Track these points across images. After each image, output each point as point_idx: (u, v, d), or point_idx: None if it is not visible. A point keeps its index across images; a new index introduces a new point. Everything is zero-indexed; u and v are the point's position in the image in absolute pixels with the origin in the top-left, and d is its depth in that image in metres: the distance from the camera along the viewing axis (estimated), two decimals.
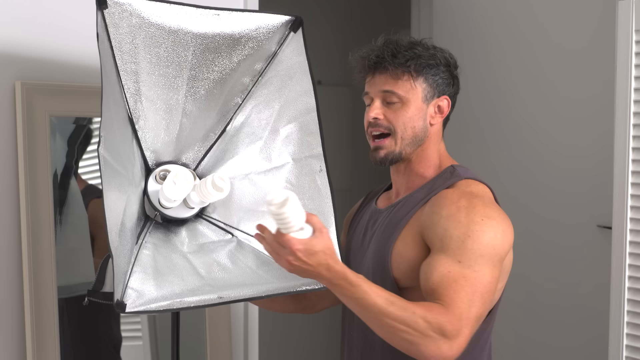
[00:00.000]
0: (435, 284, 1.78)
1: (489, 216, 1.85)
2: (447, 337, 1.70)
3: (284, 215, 1.62)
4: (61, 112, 2.28)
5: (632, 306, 2.62)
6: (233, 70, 2.01)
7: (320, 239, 1.68)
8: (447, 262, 1.80)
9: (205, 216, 2.05)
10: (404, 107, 1.95)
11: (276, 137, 2.08)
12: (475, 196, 1.90)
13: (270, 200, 1.61)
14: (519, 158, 3.51)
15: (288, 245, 1.66)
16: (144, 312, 1.84)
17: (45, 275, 2.21)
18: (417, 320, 1.69)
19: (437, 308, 1.73)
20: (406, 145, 1.97)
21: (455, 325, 1.71)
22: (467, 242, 1.80)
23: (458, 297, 1.75)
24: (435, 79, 1.97)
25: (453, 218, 1.84)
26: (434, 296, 1.77)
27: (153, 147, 2.00)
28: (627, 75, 2.61)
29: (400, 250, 1.92)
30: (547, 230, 3.39)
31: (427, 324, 1.69)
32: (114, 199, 1.81)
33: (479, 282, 1.78)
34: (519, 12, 3.52)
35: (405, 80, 1.94)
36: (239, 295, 1.92)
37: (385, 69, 1.95)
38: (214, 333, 2.61)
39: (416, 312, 1.70)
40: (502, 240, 1.85)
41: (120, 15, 1.86)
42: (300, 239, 1.67)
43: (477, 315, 1.77)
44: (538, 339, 3.44)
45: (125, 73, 1.90)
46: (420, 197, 1.96)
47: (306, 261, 1.67)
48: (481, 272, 1.79)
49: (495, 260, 1.83)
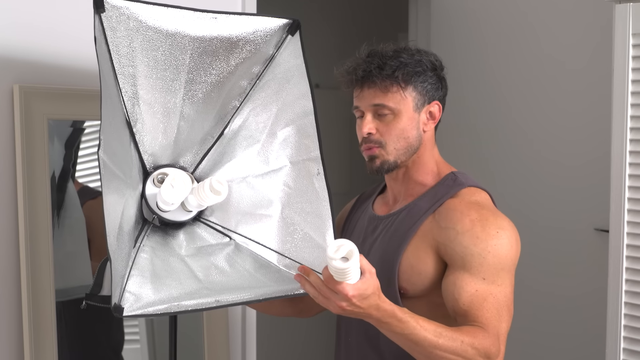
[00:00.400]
0: (466, 306, 1.83)
1: (501, 227, 1.89)
2: (492, 359, 1.79)
3: (347, 270, 1.60)
4: (59, 115, 2.28)
5: (629, 309, 2.63)
6: (231, 73, 2.01)
7: (371, 281, 1.67)
8: (472, 281, 1.84)
9: (203, 219, 2.05)
10: (396, 119, 1.95)
11: (274, 140, 2.08)
12: (483, 207, 1.93)
13: (333, 254, 1.58)
14: (517, 163, 3.51)
15: (343, 292, 1.63)
16: (141, 316, 1.83)
17: (43, 278, 2.21)
18: (466, 349, 1.75)
19: (480, 333, 1.79)
20: (400, 154, 1.97)
21: (497, 346, 1.80)
22: (488, 258, 1.85)
23: (491, 317, 1.82)
24: (424, 85, 1.96)
25: (470, 234, 1.87)
26: (468, 318, 1.82)
27: (151, 150, 2.00)
28: (624, 79, 2.61)
29: (412, 262, 1.93)
30: (544, 234, 3.39)
31: (475, 351, 1.76)
32: (113, 202, 1.81)
33: (503, 295, 1.85)
34: (517, 17, 3.53)
35: (394, 91, 1.94)
36: (237, 298, 1.91)
37: (374, 83, 1.94)
38: (211, 336, 2.60)
39: (464, 341, 1.75)
40: (516, 248, 1.91)
41: (117, 18, 1.86)
42: (354, 284, 1.64)
43: (507, 328, 1.85)
44: (536, 341, 3.44)
45: (122, 76, 1.90)
46: (425, 207, 1.96)
47: (359, 305, 1.66)
48: (504, 285, 1.86)
49: (513, 270, 1.90)
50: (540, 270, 3.40)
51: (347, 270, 1.60)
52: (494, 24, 3.63)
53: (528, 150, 3.46)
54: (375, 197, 2.15)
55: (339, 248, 1.58)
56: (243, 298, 1.92)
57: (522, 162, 3.48)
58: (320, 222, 2.04)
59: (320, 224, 2.04)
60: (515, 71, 3.52)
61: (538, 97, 3.42)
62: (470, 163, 3.62)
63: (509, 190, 3.50)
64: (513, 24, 3.54)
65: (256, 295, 1.93)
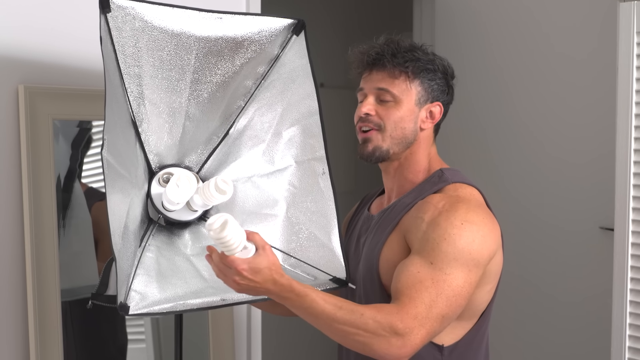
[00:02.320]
0: (401, 284, 1.80)
1: (470, 220, 1.84)
2: (399, 335, 1.72)
3: (225, 238, 1.64)
4: (64, 116, 2.29)
5: (634, 308, 2.63)
6: (236, 73, 2.01)
7: (264, 256, 1.71)
8: (419, 263, 1.81)
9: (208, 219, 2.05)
10: (396, 107, 1.95)
11: (279, 140, 2.09)
12: (461, 200, 1.90)
13: (210, 225, 1.63)
14: (522, 161, 3.51)
15: (233, 265, 1.68)
16: (147, 315, 1.84)
17: (48, 278, 2.22)
18: (366, 322, 1.72)
19: (387, 308, 1.75)
20: (394, 144, 1.97)
21: (408, 324, 1.73)
22: (442, 245, 1.81)
23: (418, 297, 1.76)
24: (431, 84, 1.97)
25: (433, 222, 1.85)
26: (397, 296, 1.79)
27: (156, 150, 2.00)
28: (628, 77, 2.61)
29: (388, 256, 1.93)
30: (549, 233, 3.39)
31: (376, 324, 1.72)
32: (117, 202, 1.81)
33: (447, 285, 1.79)
34: (522, 17, 3.53)
35: (401, 80, 1.95)
36: (242, 297, 1.92)
37: (384, 67, 1.96)
38: (217, 335, 2.61)
39: (365, 314, 1.72)
40: (480, 245, 1.84)
41: (123, 18, 1.86)
42: (245, 258, 1.69)
43: (437, 316, 1.77)
44: (540, 340, 3.44)
45: (128, 76, 1.90)
46: (407, 202, 1.96)
47: (252, 279, 1.70)
48: (452, 276, 1.79)
49: (472, 265, 1.82)
50: (545, 268, 3.40)
51: (225, 239, 1.63)
52: (498, 23, 3.63)
53: (533, 148, 3.46)
54: (375, 198, 2.16)
55: (215, 220, 1.63)
56: (248, 297, 1.92)
57: (527, 160, 3.48)
58: (325, 221, 2.04)
59: (326, 223, 2.04)
60: (520, 69, 3.52)
61: (543, 95, 3.42)
62: (475, 161, 3.62)
63: (514, 188, 3.50)
64: (517, 23, 3.54)
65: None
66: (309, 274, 2.03)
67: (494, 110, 3.63)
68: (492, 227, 1.89)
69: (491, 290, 1.95)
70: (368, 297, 1.94)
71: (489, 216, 1.91)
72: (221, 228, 1.63)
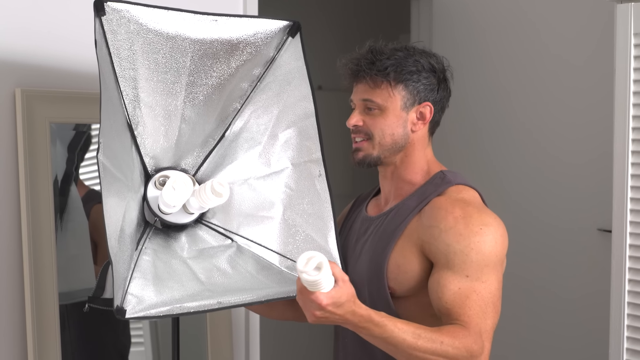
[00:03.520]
0: (449, 304, 1.83)
1: (485, 223, 1.88)
2: (476, 357, 1.78)
3: (318, 280, 1.62)
4: (61, 119, 2.29)
5: (632, 309, 2.62)
6: (231, 75, 2.01)
7: (345, 289, 1.68)
8: (455, 279, 1.84)
9: (204, 221, 2.05)
10: (382, 115, 1.95)
11: (275, 142, 2.08)
12: (469, 204, 1.92)
13: (303, 265, 1.59)
14: (519, 162, 3.51)
15: (316, 302, 1.65)
16: (143, 318, 1.84)
17: (46, 281, 2.22)
18: (446, 350, 1.75)
19: (460, 332, 1.78)
20: (385, 150, 1.97)
21: (480, 343, 1.79)
22: (471, 255, 1.85)
23: (474, 314, 1.81)
24: (416, 85, 1.95)
25: (453, 231, 1.87)
26: (451, 316, 1.82)
27: (152, 153, 2.00)
28: (625, 78, 2.61)
29: (398, 262, 1.93)
30: (547, 234, 3.39)
31: (456, 350, 1.76)
32: (113, 205, 1.81)
33: (488, 292, 1.84)
34: (519, 17, 3.53)
35: (383, 88, 1.94)
36: (239, 300, 1.92)
37: (364, 78, 1.96)
38: (215, 337, 2.61)
39: (444, 342, 1.75)
40: (501, 244, 1.89)
41: (118, 21, 1.86)
42: (327, 293, 1.66)
43: (492, 325, 1.83)
44: (539, 341, 3.44)
45: (123, 79, 1.90)
46: (412, 205, 1.96)
47: (334, 312, 1.68)
48: (488, 282, 1.85)
49: (499, 266, 1.88)
50: (543, 269, 3.40)
51: (318, 281, 1.62)
52: (495, 25, 3.63)
53: (530, 150, 3.46)
54: (370, 199, 2.15)
55: (308, 260, 1.60)
56: (245, 300, 1.92)
57: (524, 162, 3.48)
58: (321, 223, 2.04)
59: (322, 225, 2.04)
60: (517, 70, 3.52)
61: (540, 96, 3.42)
62: (472, 162, 3.62)
63: (511, 189, 3.50)
64: (514, 23, 3.54)
65: (258, 297, 1.94)
66: None
67: (491, 112, 3.63)
68: (502, 225, 1.92)
69: None
70: (373, 300, 1.94)
71: (495, 215, 1.94)
72: (317, 270, 1.60)
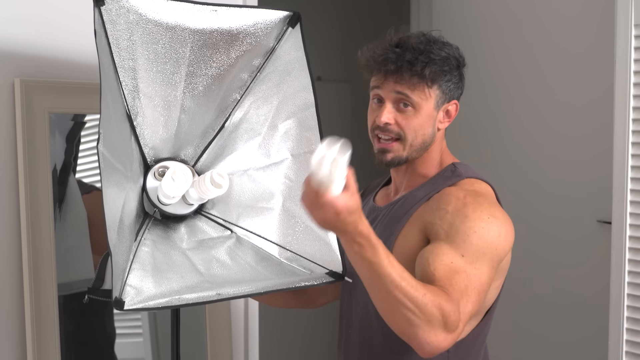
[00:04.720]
0: (437, 272, 1.73)
1: (494, 215, 1.84)
2: (447, 329, 1.65)
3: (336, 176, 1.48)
4: (60, 109, 2.28)
5: (631, 301, 2.63)
6: (231, 66, 2.01)
7: (356, 198, 1.54)
8: (450, 253, 1.77)
9: (204, 212, 2.05)
10: (416, 114, 1.91)
11: (275, 133, 2.08)
12: (480, 195, 1.89)
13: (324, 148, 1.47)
14: (519, 155, 3.50)
15: (334, 206, 1.50)
16: (142, 309, 1.84)
17: (45, 272, 2.21)
18: (425, 303, 1.62)
19: (444, 296, 1.66)
20: (414, 150, 1.94)
21: (457, 316, 1.67)
22: (472, 237, 1.79)
23: (459, 290, 1.71)
24: (448, 85, 1.93)
25: (460, 212, 1.82)
26: (435, 283, 1.71)
27: (151, 143, 2.00)
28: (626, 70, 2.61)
29: (401, 249, 1.90)
30: (547, 226, 3.39)
31: (434, 309, 1.63)
32: (113, 195, 1.81)
33: (477, 279, 1.76)
34: (519, 11, 3.52)
35: (420, 88, 1.90)
36: (238, 291, 1.91)
37: (402, 76, 1.89)
38: (214, 329, 2.61)
39: (426, 295, 1.62)
40: (504, 240, 1.84)
41: (117, 11, 1.85)
42: (343, 198, 1.51)
43: (471, 312, 1.73)
44: (538, 332, 3.44)
45: (123, 70, 1.90)
46: (420, 195, 1.94)
47: (345, 219, 1.53)
48: (480, 270, 1.77)
49: (495, 261, 1.82)
50: (543, 262, 3.40)
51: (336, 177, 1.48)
52: (495, 16, 3.62)
53: (530, 143, 3.46)
54: (379, 189, 2.14)
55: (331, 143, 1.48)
56: (244, 291, 1.92)
57: (524, 154, 3.48)
58: None
59: None
60: (517, 64, 3.51)
61: (540, 90, 3.41)
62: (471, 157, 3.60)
63: (511, 181, 3.50)
64: (515, 16, 3.53)
65: (257, 288, 1.93)
66: (306, 267, 2.02)
67: (490, 105, 3.62)
68: (511, 224, 1.88)
69: (499, 287, 1.95)
70: None
71: (506, 213, 1.90)
72: (341, 151, 1.47)
